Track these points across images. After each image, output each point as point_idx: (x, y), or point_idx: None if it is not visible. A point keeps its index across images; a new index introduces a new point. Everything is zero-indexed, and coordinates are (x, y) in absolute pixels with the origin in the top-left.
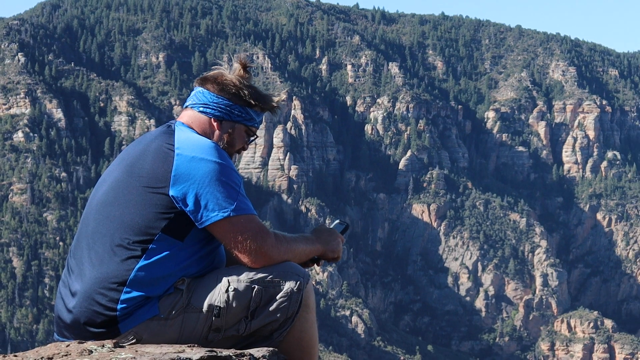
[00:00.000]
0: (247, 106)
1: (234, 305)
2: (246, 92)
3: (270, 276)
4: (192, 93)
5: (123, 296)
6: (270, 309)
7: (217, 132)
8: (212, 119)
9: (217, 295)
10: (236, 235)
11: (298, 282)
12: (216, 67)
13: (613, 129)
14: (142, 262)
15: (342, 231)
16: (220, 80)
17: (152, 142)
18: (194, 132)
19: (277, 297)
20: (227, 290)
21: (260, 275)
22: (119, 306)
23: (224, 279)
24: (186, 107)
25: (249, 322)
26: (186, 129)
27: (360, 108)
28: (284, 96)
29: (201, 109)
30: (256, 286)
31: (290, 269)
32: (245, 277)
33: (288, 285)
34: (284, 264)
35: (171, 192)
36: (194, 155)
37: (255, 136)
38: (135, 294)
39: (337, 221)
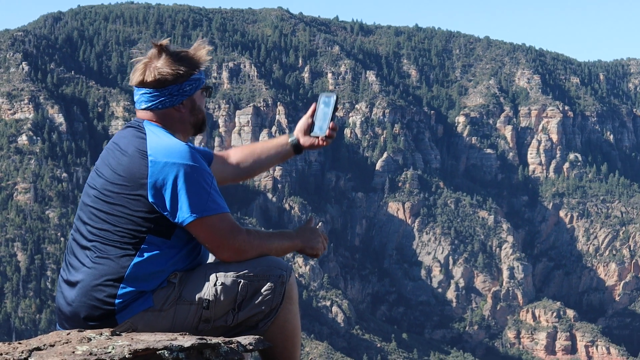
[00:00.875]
0: (189, 76)
1: (222, 298)
2: (181, 69)
3: (255, 271)
4: (141, 95)
5: (120, 291)
6: (256, 301)
7: (184, 114)
8: (173, 108)
9: (207, 289)
10: (209, 233)
11: (281, 276)
12: (135, 59)
13: (575, 132)
14: (135, 260)
15: (335, 103)
16: (157, 76)
17: (128, 146)
18: (163, 130)
19: (262, 290)
20: (215, 285)
21: (246, 270)
22: (117, 301)
23: (213, 274)
24: (142, 109)
25: (236, 313)
26: (156, 128)
27: (339, 113)
28: (205, 45)
29: (160, 106)
30: (242, 280)
31: (273, 263)
32: (232, 272)
33: (272, 279)
34: (267, 258)
35: (150, 199)
36: (167, 161)
37: (210, 89)
38: (130, 288)
39: (325, 93)
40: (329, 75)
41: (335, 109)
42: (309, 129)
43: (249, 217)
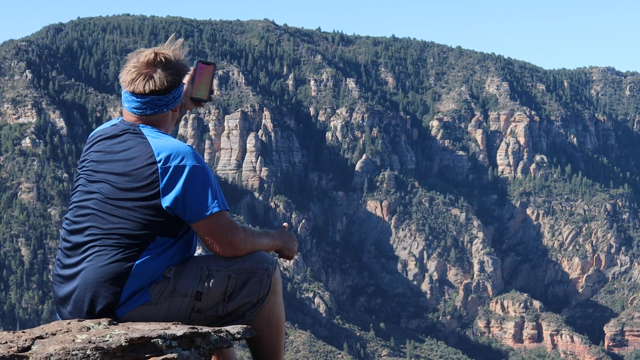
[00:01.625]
0: (182, 80)
1: (213, 290)
2: (179, 77)
3: (245, 265)
4: (141, 103)
5: (125, 288)
6: (244, 293)
7: (176, 113)
8: (170, 111)
9: (199, 282)
10: (212, 229)
11: (267, 269)
12: (131, 67)
13: (540, 136)
14: (140, 259)
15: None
16: (166, 84)
17: (133, 153)
18: (157, 130)
19: (250, 282)
20: (207, 278)
21: (235, 264)
22: (122, 296)
23: (205, 268)
24: (146, 114)
25: (226, 304)
26: (152, 131)
27: (321, 118)
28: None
29: (165, 109)
30: (232, 274)
31: (261, 257)
32: (223, 266)
33: (259, 273)
34: (255, 253)
35: (164, 203)
36: (176, 165)
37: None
38: (133, 285)
39: (200, 60)
40: (312, 82)
41: (213, 75)
42: (190, 92)
43: (237, 215)
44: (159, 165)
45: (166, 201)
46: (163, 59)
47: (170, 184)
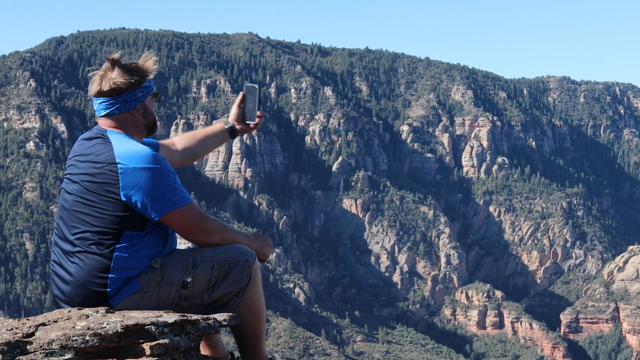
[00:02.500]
0: (140, 84)
1: (198, 280)
2: (133, 78)
3: (226, 256)
4: (100, 104)
5: (110, 281)
6: (227, 282)
7: (138, 117)
8: (128, 113)
9: (185, 272)
10: (181, 222)
11: (248, 261)
12: (92, 72)
13: (502, 139)
14: (116, 253)
15: (258, 93)
16: (112, 86)
17: (98, 156)
18: (124, 135)
19: (232, 273)
20: (192, 268)
21: (218, 256)
22: (108, 289)
23: (190, 259)
24: (102, 116)
25: (211, 293)
26: (118, 135)
27: (301, 123)
28: (152, 56)
29: (117, 112)
30: (215, 265)
31: (241, 250)
32: (207, 257)
33: (240, 264)
34: (235, 246)
35: (123, 199)
36: (134, 167)
37: (159, 95)
38: (118, 276)
39: (248, 84)
40: (292, 90)
41: (259, 98)
42: (240, 117)
43: (223, 212)
44: (119, 166)
45: (124, 197)
46: (116, 65)
47: (128, 184)
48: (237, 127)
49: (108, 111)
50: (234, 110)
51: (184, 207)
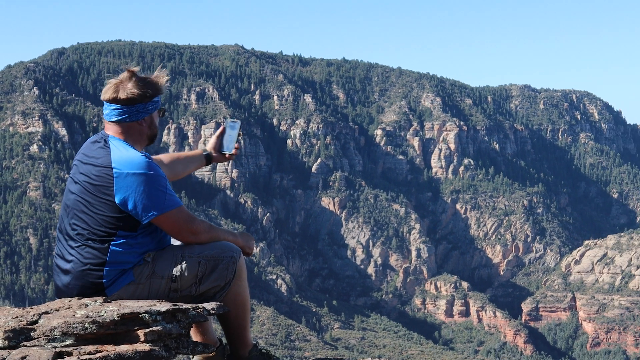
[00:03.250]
0: (152, 98)
1: (186, 274)
2: (148, 92)
3: (212, 253)
4: (112, 110)
5: (105, 273)
6: (213, 277)
7: (144, 128)
8: (137, 122)
9: (174, 267)
10: (171, 224)
11: (232, 257)
12: (109, 80)
13: (468, 142)
14: (112, 249)
15: (239, 129)
16: (128, 95)
17: (97, 160)
18: (124, 143)
19: (218, 268)
20: (181, 263)
21: (205, 252)
22: (104, 280)
23: (179, 255)
24: (112, 121)
25: (198, 286)
26: (118, 142)
27: (283, 127)
28: (165, 75)
29: (127, 120)
30: (202, 260)
31: (226, 247)
32: (194, 253)
33: (225, 260)
34: (221, 243)
35: (117, 202)
36: (128, 172)
37: (165, 110)
38: (113, 269)
39: (230, 120)
40: (275, 97)
41: (239, 133)
42: (218, 147)
43: (211, 209)
44: (115, 171)
45: (118, 200)
46: (134, 77)
47: (122, 188)
48: (214, 154)
49: (119, 118)
50: (212, 140)
51: (174, 210)
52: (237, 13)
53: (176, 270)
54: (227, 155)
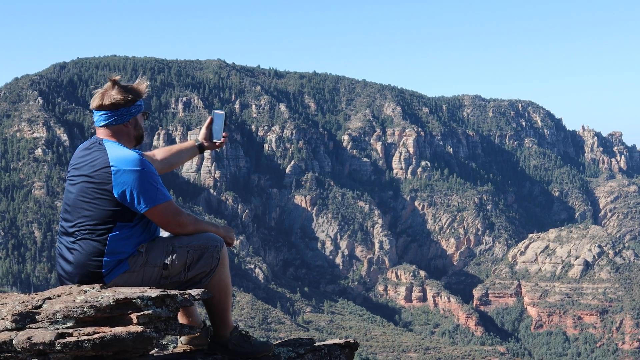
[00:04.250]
0: (134, 102)
1: (175, 262)
2: (129, 97)
3: (199, 243)
4: (100, 116)
5: (104, 263)
6: (200, 264)
7: (130, 129)
8: (122, 125)
9: (165, 256)
10: (161, 216)
11: (217, 246)
12: (95, 90)
13: (425, 147)
14: (110, 240)
15: (225, 118)
16: (112, 101)
17: (95, 161)
18: (117, 143)
19: (204, 256)
20: (171, 252)
21: (193, 243)
22: (103, 269)
23: (169, 245)
24: (101, 126)
25: (186, 273)
26: (112, 143)
27: (260, 133)
28: (145, 81)
29: (114, 123)
30: (190, 250)
31: (211, 237)
32: (183, 244)
33: (210, 249)
34: (207, 234)
35: (116, 195)
36: (125, 169)
37: (148, 113)
38: (111, 259)
39: (216, 110)
40: (253, 106)
41: (225, 122)
42: (208, 136)
43: (196, 206)
44: (112, 169)
45: (116, 194)
46: (116, 85)
47: (120, 183)
48: (205, 144)
49: (107, 122)
50: (203, 131)
51: (164, 203)
52: (219, 31)
53: (168, 259)
54: (217, 144)
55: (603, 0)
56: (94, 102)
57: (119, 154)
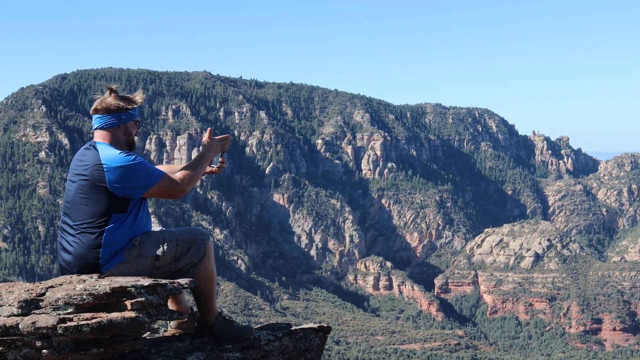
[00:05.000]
0: (126, 109)
1: (166, 254)
2: (121, 104)
3: (187, 236)
4: (95, 119)
5: (101, 254)
6: (188, 256)
7: (120, 134)
8: (114, 128)
9: (157, 248)
10: (161, 191)
11: (203, 239)
12: (96, 97)
13: (391, 150)
14: (106, 232)
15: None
16: (105, 106)
17: (89, 161)
18: (108, 145)
19: (192, 248)
20: (163, 246)
21: (182, 236)
22: (101, 260)
23: (161, 239)
24: (95, 129)
25: (176, 263)
26: (103, 145)
27: (242, 137)
28: (141, 92)
29: (105, 126)
30: (179, 242)
31: (198, 231)
32: (174, 237)
33: (198, 242)
34: (194, 229)
35: (110, 189)
36: (115, 166)
37: (139, 122)
38: (108, 250)
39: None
40: (236, 113)
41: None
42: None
43: (185, 203)
44: (104, 166)
45: (112, 188)
46: (113, 93)
47: (113, 179)
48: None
49: (99, 125)
50: None
51: (159, 181)
52: (205, 45)
53: (159, 251)
54: (214, 169)
55: (550, 18)
56: (92, 107)
57: (108, 154)
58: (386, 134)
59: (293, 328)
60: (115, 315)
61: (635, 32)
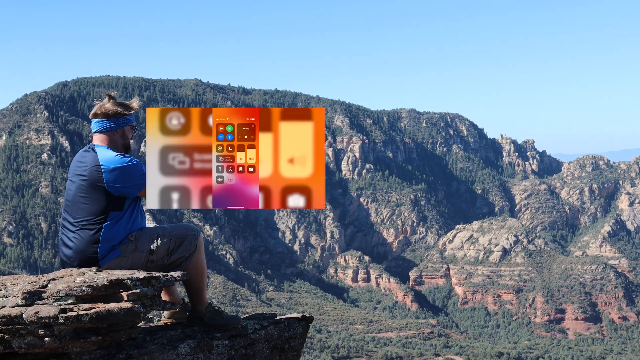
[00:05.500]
0: (124, 115)
1: (160, 249)
2: (119, 109)
3: (179, 232)
4: (94, 123)
5: (99, 249)
6: (180, 250)
7: (117, 137)
8: (112, 132)
9: (152, 243)
10: None
11: (194, 235)
12: (95, 102)
13: (369, 152)
14: (104, 229)
15: None
16: (104, 111)
17: (88, 163)
18: (106, 147)
19: (184, 243)
20: (157, 241)
21: (175, 232)
22: (99, 255)
23: (155, 234)
24: (94, 132)
25: (169, 257)
26: (101, 147)
27: None
28: (137, 99)
29: (103, 130)
30: (172, 238)
31: (190, 227)
32: (167, 233)
33: (189, 237)
34: (186, 225)
35: (108, 188)
36: (113, 167)
37: (135, 127)
38: (106, 246)
39: None
40: None
41: None
42: None
43: None
44: (102, 167)
45: (109, 188)
46: (111, 99)
47: (110, 179)
48: None
49: (97, 129)
50: None
51: None
52: (196, 55)
53: (153, 246)
54: None
55: (515, 30)
56: (92, 112)
57: (106, 155)
58: (364, 137)
59: (278, 318)
60: (112, 305)
61: (597, 39)
